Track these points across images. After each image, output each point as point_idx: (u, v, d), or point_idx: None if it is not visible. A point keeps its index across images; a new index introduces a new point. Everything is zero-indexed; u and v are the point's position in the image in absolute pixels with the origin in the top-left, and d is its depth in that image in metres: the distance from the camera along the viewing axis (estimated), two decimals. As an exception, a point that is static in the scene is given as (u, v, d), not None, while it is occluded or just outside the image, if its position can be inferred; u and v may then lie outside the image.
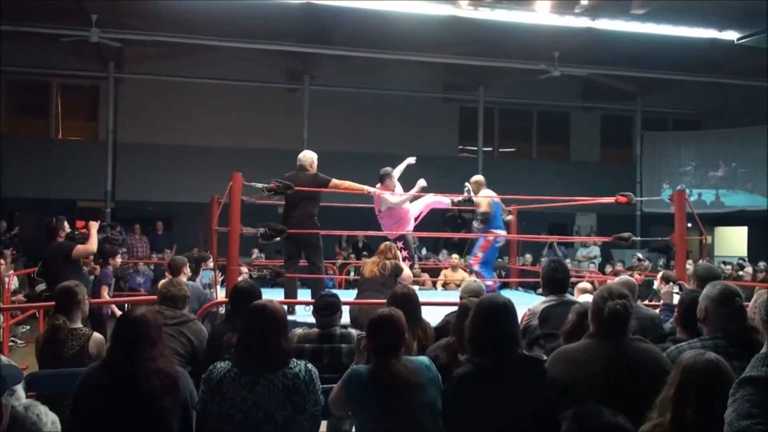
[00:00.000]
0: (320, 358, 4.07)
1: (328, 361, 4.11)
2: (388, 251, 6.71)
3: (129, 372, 3.01)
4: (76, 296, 4.40)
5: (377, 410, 3.19)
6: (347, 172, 15.94)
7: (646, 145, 20.26)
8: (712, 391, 2.44)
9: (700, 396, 2.43)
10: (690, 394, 2.45)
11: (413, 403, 3.18)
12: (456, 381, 3.18)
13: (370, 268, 6.58)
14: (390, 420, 3.16)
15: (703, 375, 2.47)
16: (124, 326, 3.16)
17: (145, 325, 3.12)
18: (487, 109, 19.19)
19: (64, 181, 16.48)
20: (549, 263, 4.88)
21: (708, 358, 2.53)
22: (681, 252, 7.37)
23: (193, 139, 17.31)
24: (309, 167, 7.69)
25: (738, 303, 3.34)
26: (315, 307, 4.44)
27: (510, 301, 3.35)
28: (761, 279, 11.87)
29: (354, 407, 3.31)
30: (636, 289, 5.24)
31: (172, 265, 6.82)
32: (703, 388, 2.45)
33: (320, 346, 4.19)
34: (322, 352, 4.16)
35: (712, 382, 2.46)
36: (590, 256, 15.79)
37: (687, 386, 2.47)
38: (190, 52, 16.19)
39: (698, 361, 2.51)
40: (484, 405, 3.09)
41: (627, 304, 3.26)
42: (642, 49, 14.61)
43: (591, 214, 19.81)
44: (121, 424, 2.97)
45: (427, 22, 12.90)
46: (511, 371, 3.16)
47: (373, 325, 3.40)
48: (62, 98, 17.87)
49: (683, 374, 2.50)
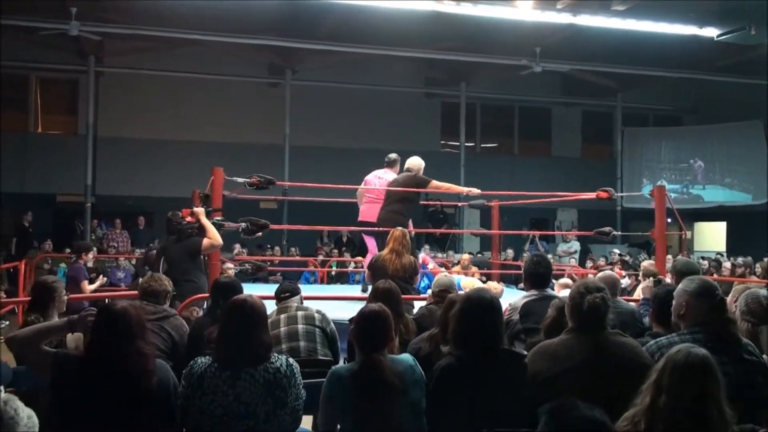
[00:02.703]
0: (277, 326, 4.34)
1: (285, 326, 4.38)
2: (403, 237, 6.19)
3: (109, 365, 2.98)
4: (53, 292, 4.36)
5: (359, 409, 3.16)
6: (328, 166, 16.04)
7: (627, 141, 20.39)
8: (698, 386, 2.46)
9: (682, 388, 2.45)
10: (673, 387, 2.47)
11: (396, 403, 3.16)
12: (437, 373, 3.20)
13: (393, 265, 6.01)
14: (372, 419, 3.14)
15: (689, 370, 2.49)
16: (105, 319, 3.14)
17: (125, 318, 3.08)
18: (469, 105, 19.23)
19: (43, 175, 16.35)
20: (532, 258, 4.88)
21: (698, 353, 2.55)
22: (661, 247, 7.43)
23: (174, 134, 17.23)
24: (411, 170, 7.70)
25: (718, 296, 3.37)
26: (276, 292, 4.68)
27: (496, 298, 3.37)
28: (739, 274, 11.97)
29: (335, 407, 3.26)
30: (618, 284, 5.28)
31: (151, 260, 6.76)
32: (687, 382, 2.47)
33: (277, 318, 4.43)
34: (278, 322, 4.40)
35: (698, 377, 2.48)
36: (570, 251, 15.87)
37: (672, 378, 2.49)
38: (170, 46, 16.10)
39: (690, 357, 2.53)
40: (464, 398, 3.12)
41: (605, 297, 3.29)
42: (623, 45, 14.69)
43: (572, 209, 19.92)
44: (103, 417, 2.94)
45: (409, 17, 12.90)
46: (492, 366, 3.18)
47: (362, 320, 3.36)
48: (41, 92, 17.72)
49: (672, 368, 2.51)
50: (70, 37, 13.84)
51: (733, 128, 19.13)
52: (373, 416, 3.13)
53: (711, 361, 2.52)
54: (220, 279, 5.10)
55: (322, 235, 16.50)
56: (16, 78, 17.03)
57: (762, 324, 3.63)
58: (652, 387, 2.52)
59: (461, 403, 3.13)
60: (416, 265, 6.20)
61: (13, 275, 12.08)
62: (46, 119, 17.79)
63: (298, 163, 16.69)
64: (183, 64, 16.85)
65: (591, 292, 3.27)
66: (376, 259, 6.26)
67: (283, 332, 4.35)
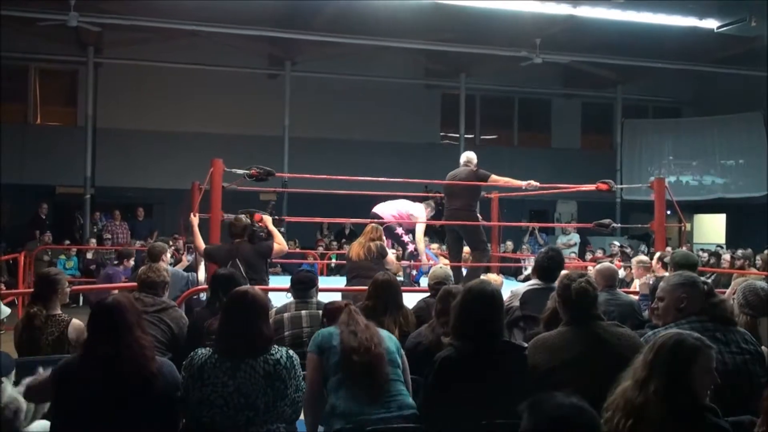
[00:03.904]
0: (299, 324, 4.27)
1: (307, 325, 4.27)
2: (373, 232, 6.80)
3: (107, 360, 2.97)
4: (56, 284, 4.36)
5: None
6: (328, 158, 16.03)
7: (627, 133, 20.36)
8: (681, 366, 2.50)
9: (670, 369, 2.50)
10: (658, 365, 2.52)
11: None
12: (437, 364, 3.23)
13: (356, 251, 6.68)
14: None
15: (677, 347, 2.54)
16: (98, 314, 3.13)
17: (119, 312, 3.08)
18: (469, 96, 19.19)
19: (42, 167, 16.30)
20: (547, 250, 4.98)
21: (689, 336, 2.60)
22: (660, 239, 7.44)
23: (173, 125, 17.20)
24: (470, 164, 8.02)
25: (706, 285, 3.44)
26: (291, 282, 4.65)
27: (497, 291, 3.40)
28: (739, 266, 11.99)
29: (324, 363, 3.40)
30: (617, 276, 5.30)
31: (151, 252, 6.77)
32: (672, 363, 2.52)
33: (298, 313, 4.36)
34: (300, 318, 4.33)
35: (689, 358, 2.52)
36: (570, 243, 15.88)
37: (657, 356, 2.54)
38: (170, 37, 16.05)
39: (679, 337, 2.58)
40: (464, 389, 3.14)
41: (590, 281, 3.33)
42: (622, 36, 14.67)
43: (572, 201, 19.90)
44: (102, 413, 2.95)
45: (409, 8, 12.88)
46: (492, 357, 3.20)
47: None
48: (40, 83, 17.66)
49: (659, 347, 2.57)
50: (69, 28, 13.78)
51: (733, 120, 19.11)
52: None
53: (700, 344, 2.56)
54: (219, 271, 5.11)
55: (322, 227, 16.50)
56: (15, 69, 16.97)
57: (760, 316, 3.65)
58: (641, 364, 2.57)
59: (461, 394, 3.14)
60: (382, 247, 6.85)
61: (12, 267, 12.10)
62: (45, 111, 17.75)
63: (297, 154, 16.67)
64: (182, 55, 16.80)
65: (574, 279, 3.32)
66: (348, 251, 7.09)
67: (306, 333, 4.29)
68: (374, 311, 4.28)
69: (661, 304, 3.43)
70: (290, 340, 4.19)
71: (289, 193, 15.48)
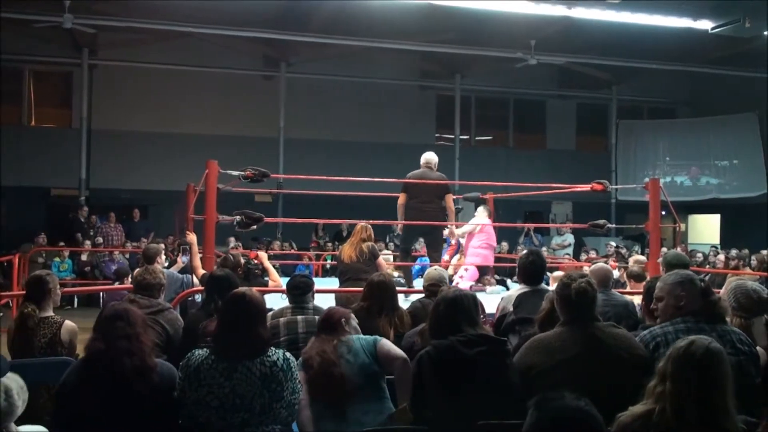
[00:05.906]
0: (295, 330, 4.24)
1: (303, 330, 4.23)
2: (362, 231, 6.77)
3: (109, 366, 3.01)
4: (47, 285, 4.36)
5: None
6: (323, 159, 16.03)
7: (621, 134, 20.41)
8: (712, 380, 2.44)
9: (701, 386, 2.43)
10: (691, 385, 2.43)
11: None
12: (416, 362, 3.31)
13: (348, 253, 6.63)
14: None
15: (701, 364, 2.46)
16: (106, 320, 3.15)
17: (127, 320, 3.13)
18: (464, 97, 19.22)
19: (37, 168, 16.25)
20: (527, 254, 4.90)
21: (706, 345, 2.52)
22: (655, 239, 7.43)
23: (168, 126, 17.17)
24: (434, 167, 8.02)
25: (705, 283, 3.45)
26: (287, 287, 4.60)
27: (460, 295, 3.49)
28: (733, 266, 12.02)
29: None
30: (612, 276, 5.30)
31: (146, 254, 6.75)
32: (689, 370, 2.45)
33: (294, 318, 4.33)
34: (296, 323, 4.29)
35: (712, 372, 2.45)
36: (564, 244, 15.90)
37: (686, 376, 2.45)
38: (164, 38, 16.04)
39: (693, 346, 2.51)
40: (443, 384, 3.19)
41: (590, 281, 3.33)
42: (617, 37, 14.69)
43: (567, 202, 19.93)
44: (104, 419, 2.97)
45: (404, 10, 12.88)
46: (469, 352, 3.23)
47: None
48: (35, 85, 17.61)
49: (682, 364, 2.49)
50: (64, 29, 13.78)
51: (727, 120, 19.16)
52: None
53: (716, 350, 2.50)
54: (215, 273, 5.10)
55: (317, 228, 16.49)
56: (9, 71, 16.93)
57: (753, 317, 3.65)
58: (658, 376, 2.51)
59: (440, 389, 3.19)
60: (374, 248, 6.76)
61: (7, 269, 12.06)
62: (40, 112, 17.70)
63: (292, 155, 16.66)
64: (177, 56, 16.78)
65: (575, 279, 3.32)
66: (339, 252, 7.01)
67: (302, 338, 4.26)
68: (369, 312, 4.27)
69: (660, 303, 3.42)
70: (286, 345, 4.18)
71: (285, 194, 15.47)
